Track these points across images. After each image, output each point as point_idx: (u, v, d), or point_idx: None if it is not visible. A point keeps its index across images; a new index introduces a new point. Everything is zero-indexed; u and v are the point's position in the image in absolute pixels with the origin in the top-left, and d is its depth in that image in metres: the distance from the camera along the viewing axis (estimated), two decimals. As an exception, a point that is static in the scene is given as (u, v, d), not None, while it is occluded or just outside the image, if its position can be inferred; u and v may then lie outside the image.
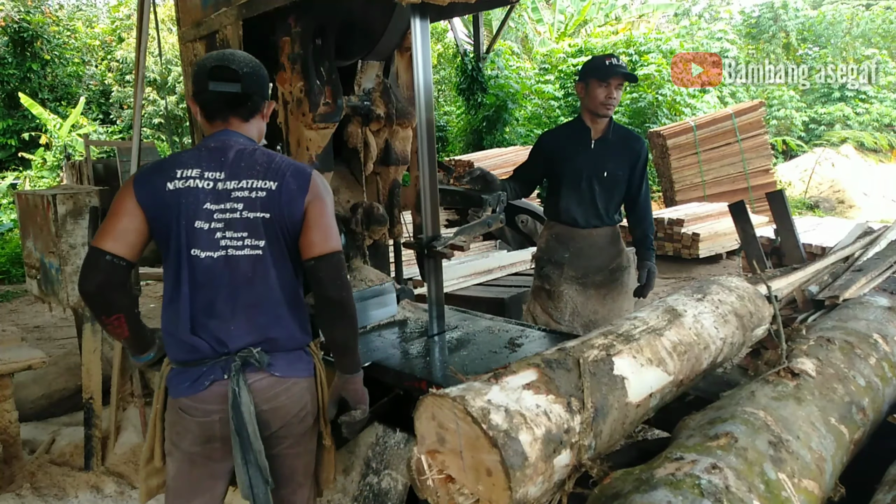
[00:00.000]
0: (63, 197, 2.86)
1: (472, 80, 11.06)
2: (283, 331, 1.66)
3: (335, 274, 1.64)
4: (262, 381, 1.62)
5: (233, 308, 1.60)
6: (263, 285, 1.61)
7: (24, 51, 12.32)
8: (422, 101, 2.03)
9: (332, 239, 1.64)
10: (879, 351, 1.56)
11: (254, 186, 1.58)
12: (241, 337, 1.61)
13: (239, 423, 1.57)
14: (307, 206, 1.61)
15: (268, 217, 1.59)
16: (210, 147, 1.62)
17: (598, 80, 2.54)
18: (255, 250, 1.59)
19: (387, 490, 1.93)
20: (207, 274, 1.58)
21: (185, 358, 1.62)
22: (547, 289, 2.73)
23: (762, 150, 9.86)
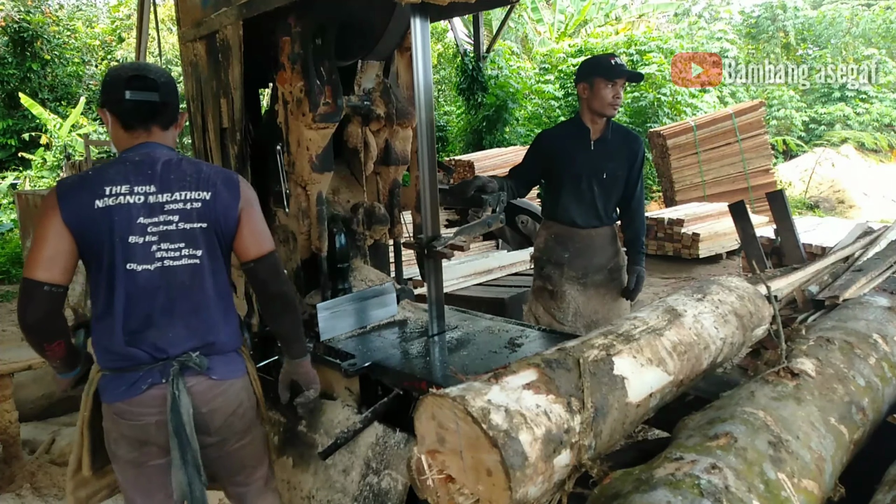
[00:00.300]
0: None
1: (472, 79, 11.07)
2: (219, 335, 1.72)
3: (274, 272, 1.75)
4: (200, 385, 1.67)
5: (171, 316, 1.64)
6: (201, 293, 1.67)
7: (24, 51, 12.31)
8: (422, 101, 2.03)
9: (266, 241, 1.75)
10: (879, 351, 1.56)
11: (188, 198, 1.63)
12: (179, 343, 1.65)
13: (178, 425, 1.61)
14: (240, 213, 1.69)
15: (205, 226, 1.65)
16: (135, 161, 1.63)
17: (604, 79, 2.51)
18: (192, 259, 1.65)
19: (387, 490, 1.93)
20: (144, 286, 1.61)
21: (121, 365, 1.64)
22: (549, 289, 2.72)
23: (762, 150, 9.86)
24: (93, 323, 1.69)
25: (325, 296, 2.26)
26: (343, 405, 2.22)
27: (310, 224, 2.21)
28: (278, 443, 2.37)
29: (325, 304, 2.20)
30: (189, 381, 1.66)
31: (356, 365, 1.99)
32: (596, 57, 2.67)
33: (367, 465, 2.02)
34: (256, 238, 1.73)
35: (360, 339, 2.22)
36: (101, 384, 1.69)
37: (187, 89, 2.56)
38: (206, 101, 2.40)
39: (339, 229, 2.30)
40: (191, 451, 1.63)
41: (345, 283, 2.33)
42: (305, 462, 2.24)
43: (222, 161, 2.39)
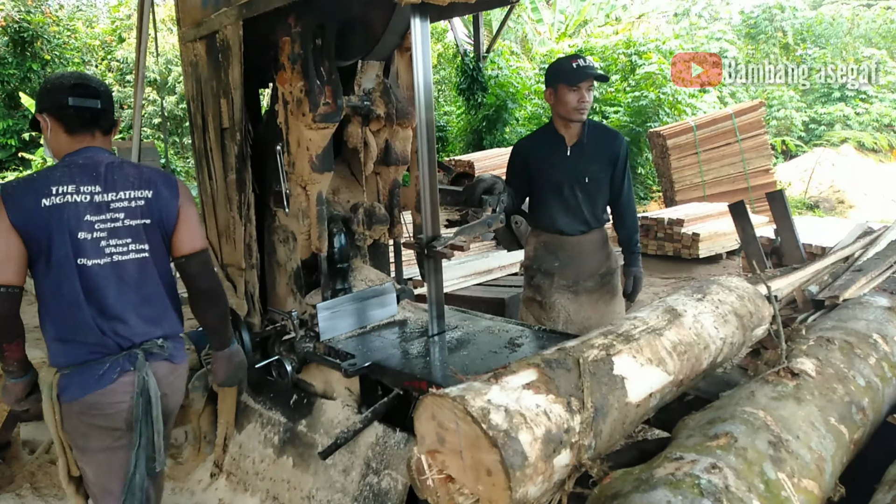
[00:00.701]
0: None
1: (472, 80, 11.07)
2: (170, 322, 1.87)
3: (205, 268, 1.89)
4: (162, 369, 1.81)
5: (126, 307, 1.75)
6: (151, 284, 1.80)
7: (25, 51, 12.31)
8: (422, 101, 2.03)
9: (199, 239, 1.88)
10: (879, 351, 1.56)
11: (132, 196, 1.75)
12: (138, 332, 1.77)
13: (146, 408, 1.73)
14: (179, 210, 1.83)
15: (148, 223, 1.77)
16: (79, 164, 1.72)
17: (567, 84, 2.46)
18: (140, 253, 1.77)
19: (387, 490, 1.93)
20: (97, 280, 1.70)
21: (88, 358, 1.72)
22: (538, 300, 2.70)
23: (762, 150, 9.86)
24: (47, 322, 1.75)
25: (325, 296, 2.26)
26: (343, 405, 2.22)
27: (310, 224, 2.21)
28: (278, 442, 2.37)
29: (325, 304, 2.20)
30: (154, 366, 1.78)
31: (356, 365, 1.99)
32: (559, 60, 2.57)
33: (367, 465, 2.02)
34: (191, 235, 1.86)
35: (360, 339, 2.22)
36: (63, 383, 1.73)
37: (187, 89, 2.56)
38: (207, 101, 2.40)
39: (338, 229, 2.30)
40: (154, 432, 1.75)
41: (345, 283, 2.33)
42: (305, 462, 2.24)
43: (223, 161, 2.40)
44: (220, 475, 2.63)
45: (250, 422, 2.53)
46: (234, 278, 2.46)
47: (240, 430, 2.57)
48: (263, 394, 2.53)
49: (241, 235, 2.37)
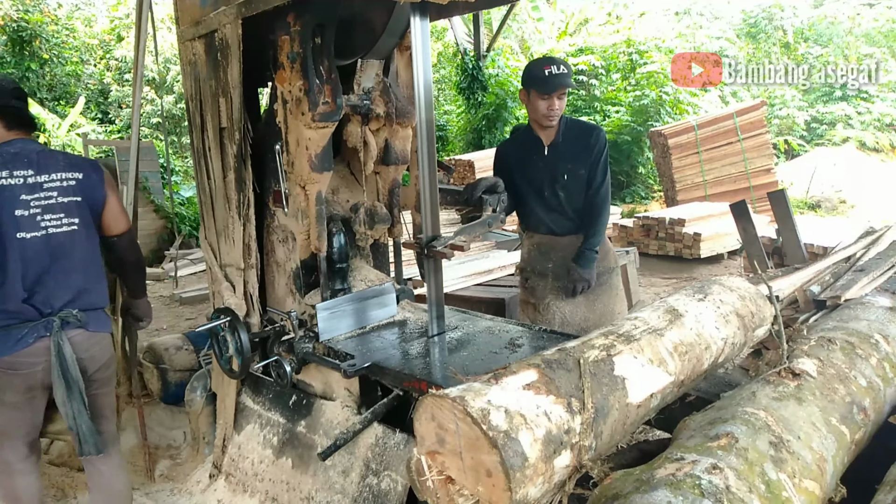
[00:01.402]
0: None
1: (472, 78, 11.06)
2: (93, 293, 2.16)
3: (132, 246, 2.34)
4: (79, 336, 2.10)
5: (55, 276, 2.04)
6: (79, 255, 2.10)
7: (23, 50, 12.30)
8: (422, 101, 2.02)
9: (125, 220, 2.29)
10: (881, 351, 1.55)
11: (63, 177, 2.07)
12: (61, 300, 2.06)
13: (64, 369, 2.01)
14: (106, 193, 2.18)
15: (80, 200, 2.10)
16: (11, 153, 2.03)
17: (538, 91, 2.46)
18: (71, 227, 2.08)
19: (386, 491, 1.93)
20: (32, 251, 2.00)
21: (9, 323, 2.00)
22: (532, 302, 2.70)
23: (764, 150, 9.85)
24: None
25: (324, 296, 2.25)
26: (342, 406, 2.22)
27: (309, 224, 2.21)
28: (277, 443, 2.37)
29: (325, 305, 2.19)
30: (70, 333, 2.07)
31: (356, 365, 1.98)
32: (533, 63, 2.55)
33: (367, 466, 2.01)
34: (119, 217, 2.24)
35: (360, 340, 2.22)
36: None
37: (186, 88, 2.55)
38: (205, 101, 2.39)
39: (338, 229, 2.29)
40: (78, 389, 2.03)
41: (344, 284, 2.32)
42: (305, 463, 2.23)
43: (221, 160, 2.39)
44: (219, 476, 2.62)
45: (249, 423, 2.53)
46: (232, 278, 2.45)
47: (239, 431, 2.56)
48: (262, 394, 2.53)
49: (239, 235, 2.36)
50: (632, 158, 11.55)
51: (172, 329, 5.48)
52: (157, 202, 9.29)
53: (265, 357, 2.34)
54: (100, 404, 2.24)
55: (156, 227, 9.00)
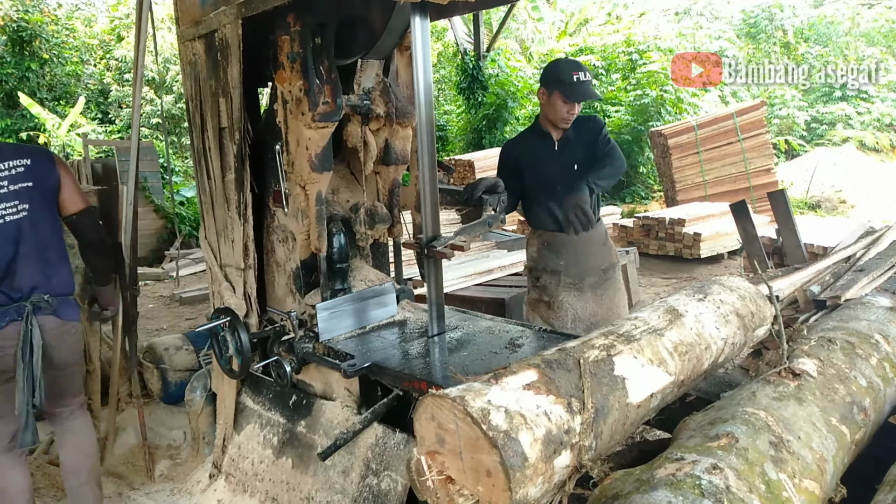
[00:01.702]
0: (62, 196, 2.85)
1: (472, 78, 11.06)
2: (58, 278, 2.22)
3: (92, 223, 2.35)
4: (50, 322, 2.16)
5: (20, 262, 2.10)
6: (36, 239, 2.15)
7: (23, 50, 12.30)
8: (422, 101, 2.02)
9: (83, 199, 2.32)
10: (881, 351, 1.55)
11: (11, 165, 2.12)
12: (29, 284, 2.13)
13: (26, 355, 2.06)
14: (60, 175, 2.23)
15: (31, 185, 2.14)
16: None
17: (562, 95, 2.49)
18: (23, 213, 2.13)
19: (386, 491, 1.93)
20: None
21: None
22: (545, 300, 2.71)
23: (764, 150, 9.85)
24: None
25: (324, 296, 2.25)
26: (342, 406, 2.22)
27: (309, 224, 2.20)
28: (277, 443, 2.37)
29: (325, 305, 2.19)
30: (41, 319, 2.13)
31: (356, 365, 1.98)
32: (561, 65, 2.56)
33: (367, 466, 2.01)
34: (75, 197, 2.28)
35: (360, 340, 2.22)
36: None
37: (186, 88, 2.55)
38: (205, 101, 2.39)
39: (338, 229, 2.29)
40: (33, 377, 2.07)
41: (344, 284, 2.32)
42: (305, 463, 2.23)
43: (221, 160, 2.39)
44: (219, 476, 2.62)
45: (249, 423, 2.53)
46: (232, 278, 2.45)
47: (239, 431, 2.56)
48: (262, 394, 2.53)
49: (240, 235, 2.36)
50: (632, 158, 11.55)
51: (172, 329, 5.48)
52: (157, 202, 9.29)
53: (265, 357, 2.34)
54: (69, 384, 2.36)
55: (156, 227, 9.01)
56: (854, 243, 2.62)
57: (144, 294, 6.67)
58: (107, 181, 8.33)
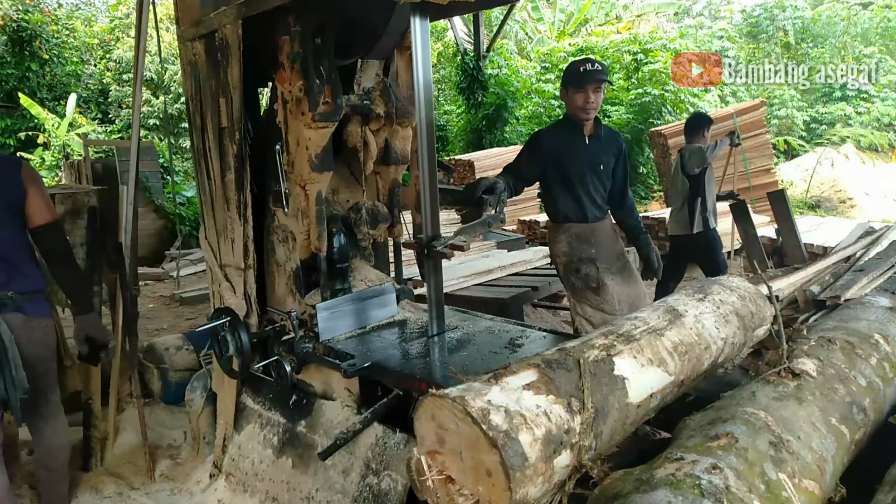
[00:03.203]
0: (62, 197, 2.86)
1: (472, 79, 11.05)
2: (24, 280, 2.25)
3: (58, 237, 2.35)
4: (17, 319, 2.21)
5: None
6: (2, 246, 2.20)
7: (23, 50, 12.30)
8: (422, 101, 2.02)
9: (50, 212, 2.31)
10: (881, 351, 1.55)
11: None
12: None
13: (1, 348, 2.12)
14: (26, 186, 2.23)
15: None
16: None
17: (574, 87, 2.72)
18: None
19: (386, 491, 1.93)
20: None
21: None
22: (592, 286, 2.85)
23: (764, 150, 9.85)
24: None
25: (324, 296, 2.25)
26: (343, 406, 2.22)
27: (309, 224, 2.21)
28: (277, 443, 2.37)
29: (325, 305, 2.19)
30: (7, 316, 2.19)
31: (356, 365, 1.98)
32: (571, 65, 2.82)
33: (367, 466, 2.01)
34: (41, 209, 2.27)
35: (360, 340, 2.22)
36: None
37: (186, 89, 2.55)
38: (205, 101, 2.39)
39: (338, 229, 2.29)
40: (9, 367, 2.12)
41: (344, 284, 2.32)
42: (305, 463, 2.23)
43: (220, 161, 2.39)
44: (219, 476, 2.62)
45: (249, 422, 2.53)
46: (232, 278, 2.45)
47: (239, 431, 2.56)
48: (263, 394, 2.53)
49: (239, 235, 2.36)
50: (632, 158, 11.56)
51: (172, 329, 5.48)
52: (157, 202, 9.28)
53: (265, 357, 2.34)
54: (43, 382, 2.38)
55: (156, 227, 9.01)
56: (854, 243, 2.62)
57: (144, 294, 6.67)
58: (107, 181, 8.32)
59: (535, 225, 7.82)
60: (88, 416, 3.01)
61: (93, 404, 3.02)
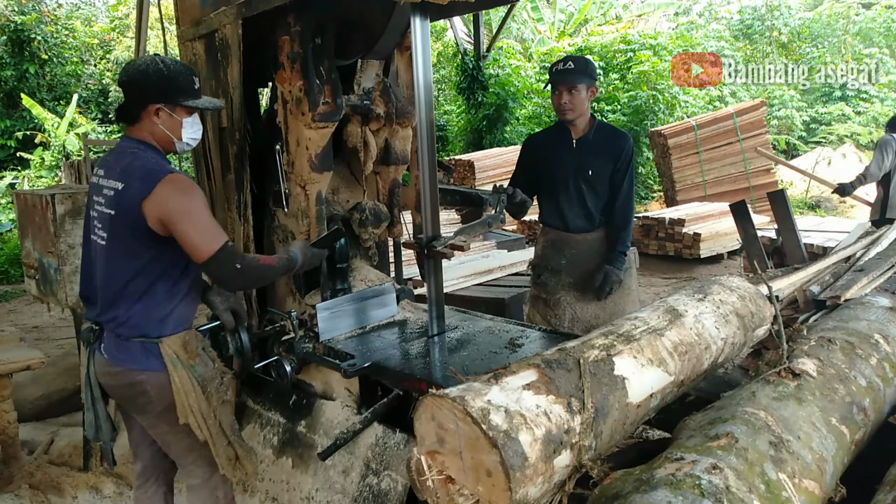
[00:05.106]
0: (62, 197, 2.85)
1: (472, 79, 11.05)
2: (117, 320, 1.82)
3: (221, 270, 1.77)
4: (100, 357, 1.88)
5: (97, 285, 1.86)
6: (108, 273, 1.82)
7: (22, 50, 12.29)
8: (422, 101, 2.02)
9: (200, 249, 1.72)
10: (881, 351, 1.55)
11: (109, 185, 1.79)
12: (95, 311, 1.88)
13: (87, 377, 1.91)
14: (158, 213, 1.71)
15: (113, 213, 1.76)
16: (113, 150, 1.90)
17: (551, 87, 2.59)
18: (102, 241, 1.82)
19: (386, 491, 1.93)
20: (93, 254, 1.88)
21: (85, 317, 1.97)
22: (544, 297, 2.72)
23: (763, 150, 9.84)
24: None
25: (324, 296, 2.25)
26: (343, 406, 2.22)
27: (309, 224, 2.21)
28: (277, 443, 2.37)
29: (325, 305, 2.19)
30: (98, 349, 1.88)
31: (356, 365, 1.98)
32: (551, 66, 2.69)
33: (367, 466, 2.01)
34: (194, 243, 1.73)
35: (360, 340, 2.22)
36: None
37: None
38: (206, 101, 2.39)
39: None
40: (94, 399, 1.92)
41: (344, 284, 2.32)
42: (305, 463, 2.23)
43: (221, 161, 2.39)
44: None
45: (249, 422, 2.53)
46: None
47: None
48: (263, 394, 2.53)
49: (239, 235, 2.36)
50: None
51: (172, 329, 5.46)
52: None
53: (265, 357, 2.34)
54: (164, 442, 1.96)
55: (156, 227, 8.96)
56: (854, 243, 2.62)
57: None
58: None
59: (535, 225, 7.82)
60: (88, 416, 3.01)
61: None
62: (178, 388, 1.82)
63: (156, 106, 1.80)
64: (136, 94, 1.80)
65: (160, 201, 1.70)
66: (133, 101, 1.81)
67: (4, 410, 2.84)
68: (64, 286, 2.86)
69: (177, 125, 1.83)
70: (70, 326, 4.54)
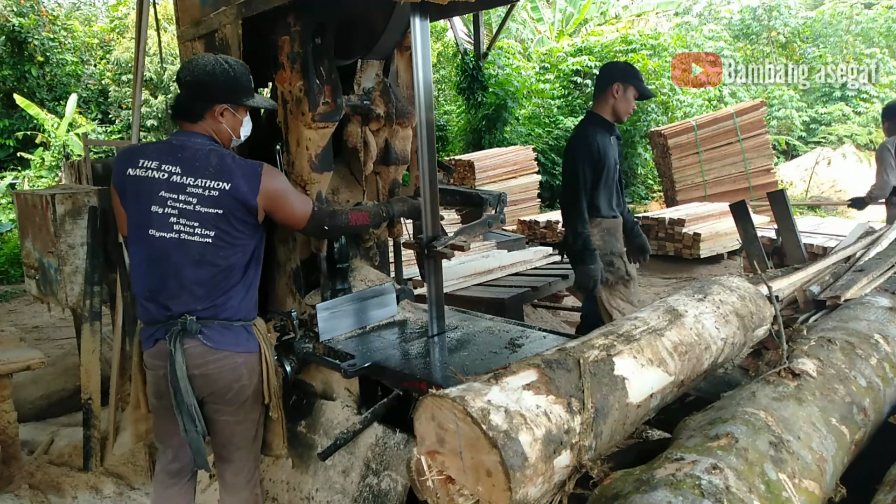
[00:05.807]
0: (62, 197, 2.86)
1: (472, 79, 11.05)
2: (222, 307, 1.88)
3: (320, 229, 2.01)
4: (195, 348, 1.85)
5: (180, 281, 1.84)
6: (210, 267, 1.85)
7: (21, 51, 12.29)
8: (422, 101, 2.02)
9: (298, 210, 1.93)
10: (881, 351, 1.55)
11: (207, 185, 1.82)
12: (184, 306, 1.85)
13: (174, 379, 1.82)
14: (267, 201, 1.86)
15: (220, 212, 1.83)
16: (172, 144, 1.88)
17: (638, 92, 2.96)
18: (204, 238, 1.84)
19: (386, 491, 1.93)
20: (161, 251, 1.83)
21: (143, 318, 1.93)
22: (625, 279, 3.02)
23: (763, 150, 9.85)
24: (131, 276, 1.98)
25: (324, 296, 2.25)
26: (343, 406, 2.22)
27: (309, 224, 2.20)
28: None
29: (325, 305, 2.19)
30: (187, 342, 1.84)
31: (356, 365, 1.98)
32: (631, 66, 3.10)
33: (367, 466, 2.01)
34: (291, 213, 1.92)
35: (360, 340, 2.22)
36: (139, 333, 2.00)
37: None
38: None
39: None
40: (184, 403, 1.83)
41: (344, 284, 2.32)
42: (305, 463, 2.23)
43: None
44: (219, 475, 2.62)
45: (250, 422, 2.52)
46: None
47: (239, 431, 2.56)
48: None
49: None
50: (630, 159, 11.57)
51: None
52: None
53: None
54: (227, 431, 1.96)
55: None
56: (854, 243, 2.62)
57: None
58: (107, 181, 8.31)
59: (535, 225, 7.82)
60: (88, 416, 3.01)
61: (92, 404, 3.02)
62: (267, 366, 1.96)
63: (222, 107, 1.89)
64: (203, 95, 1.87)
65: (268, 193, 1.85)
66: (198, 101, 1.88)
67: (4, 410, 2.84)
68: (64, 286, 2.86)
69: (238, 123, 1.95)
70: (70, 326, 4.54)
